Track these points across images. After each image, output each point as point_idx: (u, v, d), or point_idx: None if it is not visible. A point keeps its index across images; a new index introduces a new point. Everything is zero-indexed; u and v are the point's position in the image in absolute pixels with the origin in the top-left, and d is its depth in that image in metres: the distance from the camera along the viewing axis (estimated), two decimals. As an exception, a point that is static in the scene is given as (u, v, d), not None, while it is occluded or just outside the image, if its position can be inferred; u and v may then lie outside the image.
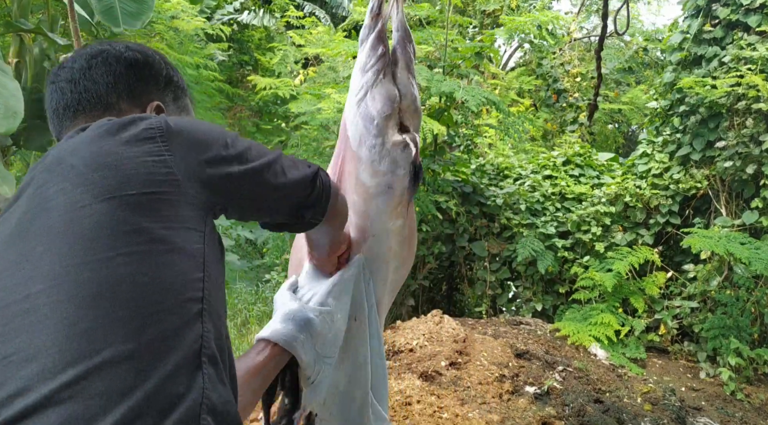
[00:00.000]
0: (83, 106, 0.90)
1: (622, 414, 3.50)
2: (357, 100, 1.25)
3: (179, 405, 0.62)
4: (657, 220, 4.85)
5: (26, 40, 4.01)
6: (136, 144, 0.73)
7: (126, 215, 0.68)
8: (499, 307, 5.31)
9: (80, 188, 0.69)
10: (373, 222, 1.26)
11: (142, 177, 0.70)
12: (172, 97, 1.00)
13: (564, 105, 8.43)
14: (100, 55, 0.92)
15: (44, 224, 0.67)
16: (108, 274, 0.64)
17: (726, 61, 4.59)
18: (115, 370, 0.60)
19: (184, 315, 0.67)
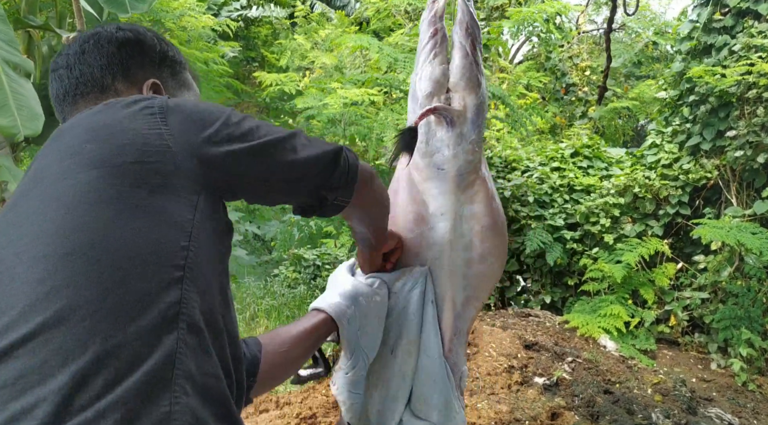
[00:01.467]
0: (81, 90, 0.90)
1: (632, 404, 3.48)
2: (411, 80, 1.26)
3: (141, 365, 0.61)
4: (667, 211, 4.81)
5: (35, 36, 4.04)
6: (134, 119, 0.74)
7: (110, 183, 0.68)
8: (507, 300, 5.30)
9: (70, 159, 0.70)
10: (435, 200, 1.23)
11: (135, 147, 0.71)
12: (170, 73, 0.99)
13: (573, 99, 8.39)
14: (92, 39, 0.92)
15: (36, 193, 0.70)
16: (83, 237, 0.65)
17: (736, 50, 4.54)
18: (76, 327, 0.60)
19: (160, 281, 0.67)
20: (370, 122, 4.56)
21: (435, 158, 1.23)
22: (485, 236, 1.26)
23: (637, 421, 3.31)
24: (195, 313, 0.69)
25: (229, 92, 7.04)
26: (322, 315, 1.10)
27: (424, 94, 1.22)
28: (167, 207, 0.71)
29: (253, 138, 0.80)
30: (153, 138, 0.72)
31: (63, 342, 0.59)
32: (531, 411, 3.24)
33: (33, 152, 4.83)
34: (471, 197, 1.25)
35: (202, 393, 0.66)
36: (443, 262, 1.25)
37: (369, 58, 6.26)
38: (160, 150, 0.72)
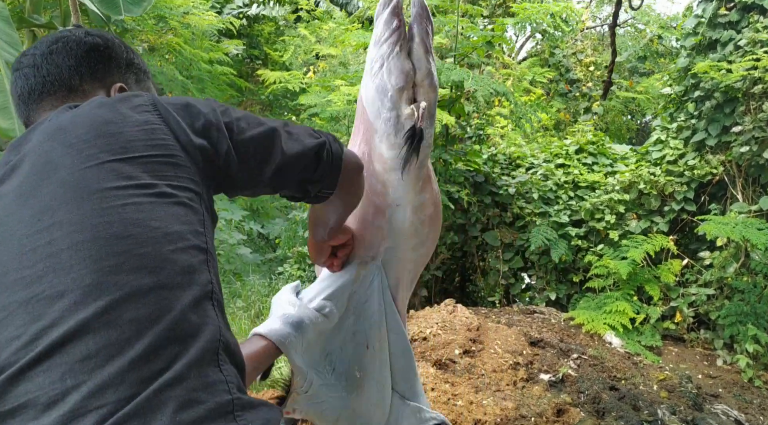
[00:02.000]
0: (47, 88, 0.92)
1: (638, 401, 3.47)
2: (372, 74, 1.26)
3: (200, 335, 0.67)
4: (672, 207, 4.80)
5: (39, 35, 4.05)
6: (134, 114, 0.78)
7: (133, 171, 0.73)
8: (512, 297, 5.29)
9: (87, 151, 0.73)
10: (395, 192, 1.27)
11: (144, 142, 0.76)
12: (135, 80, 1.02)
13: (577, 95, 8.36)
14: (60, 41, 0.95)
15: (55, 181, 0.71)
16: (122, 218, 0.69)
17: (742, 45, 4.52)
18: (141, 300, 0.65)
19: (195, 259, 0.73)
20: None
21: (404, 150, 1.25)
22: (430, 222, 1.33)
23: (643, 417, 3.31)
24: (219, 294, 0.75)
25: (232, 90, 7.05)
26: (264, 342, 1.11)
27: (396, 88, 1.23)
28: (181, 196, 0.76)
29: (239, 130, 0.85)
30: (157, 133, 0.77)
31: (134, 315, 0.64)
32: (537, 408, 3.23)
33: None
34: (422, 186, 1.30)
35: (235, 363, 0.72)
36: (398, 250, 1.32)
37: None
38: (165, 144, 0.77)
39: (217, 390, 0.65)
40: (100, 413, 0.58)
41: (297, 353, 1.13)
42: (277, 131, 0.89)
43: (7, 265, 0.68)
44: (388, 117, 1.24)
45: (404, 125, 1.24)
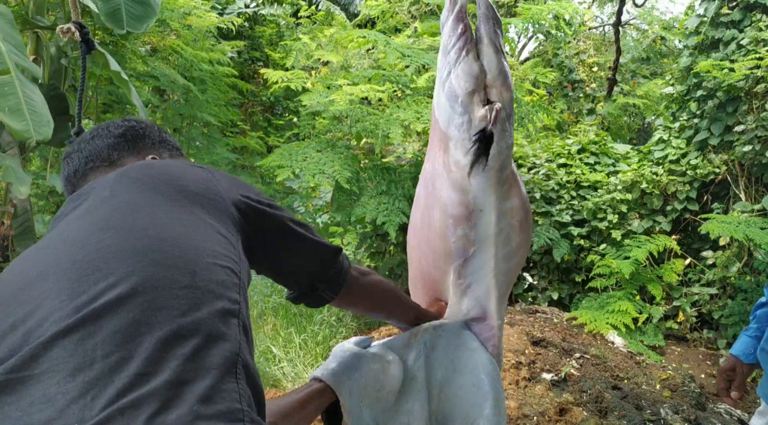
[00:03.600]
0: (89, 165, 1.03)
1: (640, 400, 3.46)
2: (441, 82, 1.26)
3: (223, 340, 0.70)
4: (674, 206, 4.79)
5: (43, 37, 4.07)
6: (193, 170, 0.91)
7: (183, 199, 0.83)
8: (515, 297, 5.29)
9: (146, 182, 0.84)
10: (476, 198, 1.24)
11: (197, 185, 0.87)
12: (168, 155, 1.11)
13: (580, 95, 8.36)
14: (100, 129, 1.07)
15: (114, 202, 0.81)
16: (168, 225, 0.78)
17: (744, 44, 4.52)
18: (173, 293, 0.70)
19: (229, 279, 0.78)
20: (377, 119, 4.56)
21: (471, 152, 1.23)
22: (521, 228, 1.29)
23: (646, 417, 3.30)
24: (245, 317, 0.79)
25: (234, 92, 7.06)
26: (319, 384, 1.12)
27: (466, 91, 1.21)
28: (223, 232, 0.84)
29: (278, 208, 0.97)
30: (208, 183, 0.89)
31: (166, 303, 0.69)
32: (539, 407, 3.23)
33: (43, 153, 4.86)
34: (507, 191, 1.27)
35: (251, 385, 0.74)
36: (487, 259, 1.27)
37: (375, 58, 6.26)
38: (214, 192, 0.88)
39: (232, 397, 0.67)
40: (122, 382, 0.61)
41: (350, 395, 1.11)
42: (308, 226, 1.02)
43: (61, 256, 0.74)
44: (461, 122, 1.22)
45: (477, 128, 1.22)
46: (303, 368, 3.78)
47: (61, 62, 4.10)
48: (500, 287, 1.31)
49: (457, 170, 1.24)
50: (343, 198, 4.71)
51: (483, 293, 1.29)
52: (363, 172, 4.75)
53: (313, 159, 4.47)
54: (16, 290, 0.73)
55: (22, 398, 0.60)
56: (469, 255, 1.26)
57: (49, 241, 0.80)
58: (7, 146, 3.32)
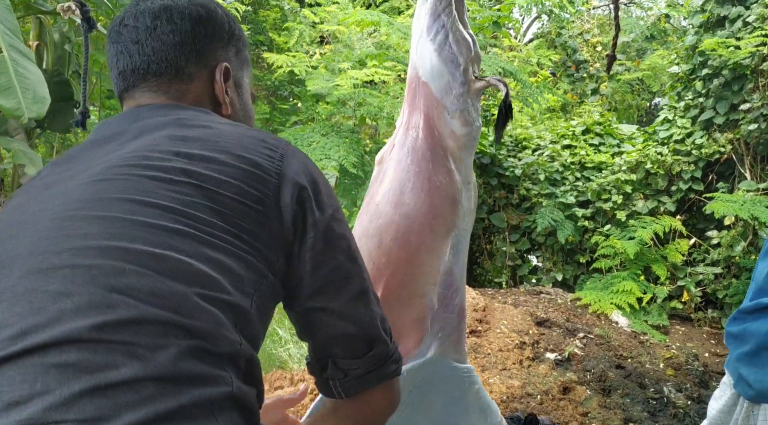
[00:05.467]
0: (153, 69, 0.88)
1: (644, 379, 3.50)
2: (438, 44, 1.17)
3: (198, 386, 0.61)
4: (679, 186, 4.78)
5: (46, 23, 4.07)
6: (255, 153, 0.76)
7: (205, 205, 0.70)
8: (519, 278, 5.31)
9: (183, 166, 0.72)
10: (465, 170, 1.23)
11: (240, 186, 0.72)
12: (235, 52, 0.97)
13: (584, 75, 8.29)
14: (164, 13, 0.88)
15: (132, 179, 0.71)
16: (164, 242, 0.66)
17: (750, 21, 4.46)
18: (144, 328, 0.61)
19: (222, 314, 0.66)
20: (381, 102, 4.56)
21: (473, 128, 1.21)
22: (475, 201, 1.30)
23: (649, 395, 3.33)
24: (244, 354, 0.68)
25: (238, 76, 7.05)
26: None
27: (468, 57, 1.18)
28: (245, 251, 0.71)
29: (338, 224, 0.79)
30: (259, 182, 0.74)
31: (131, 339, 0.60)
32: (543, 386, 3.27)
33: (48, 139, 4.88)
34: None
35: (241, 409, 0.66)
36: (466, 233, 1.25)
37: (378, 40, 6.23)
38: (260, 196, 0.73)
39: None
40: None
41: None
42: (366, 277, 0.81)
43: (38, 242, 0.66)
44: (460, 92, 1.18)
45: (473, 100, 1.19)
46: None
47: (65, 48, 4.11)
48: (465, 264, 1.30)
49: (452, 141, 1.20)
50: (348, 182, 4.73)
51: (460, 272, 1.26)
52: (367, 155, 4.77)
53: (318, 144, 4.48)
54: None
55: None
56: (458, 229, 1.23)
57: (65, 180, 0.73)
58: (14, 132, 3.35)
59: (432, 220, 1.18)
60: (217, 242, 0.68)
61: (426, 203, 1.18)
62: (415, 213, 1.18)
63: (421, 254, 1.19)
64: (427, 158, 1.20)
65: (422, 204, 1.18)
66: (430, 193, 1.18)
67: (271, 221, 0.73)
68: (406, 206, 1.18)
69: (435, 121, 1.20)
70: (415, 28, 1.23)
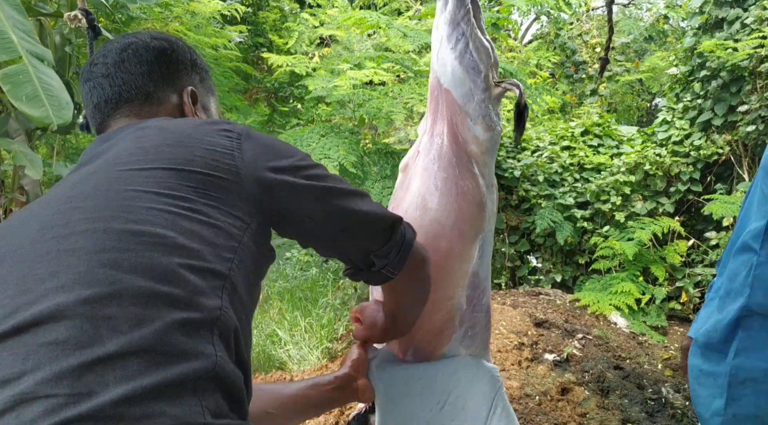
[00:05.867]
0: (124, 96, 0.95)
1: (642, 379, 3.51)
2: (458, 53, 1.20)
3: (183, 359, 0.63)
4: (678, 188, 4.79)
5: (46, 25, 4.08)
6: (213, 136, 0.82)
7: (177, 183, 0.75)
8: (518, 279, 5.33)
9: (149, 156, 0.78)
10: (489, 173, 1.25)
11: (206, 160, 0.78)
12: (199, 79, 1.05)
13: (583, 76, 8.31)
14: (129, 48, 0.97)
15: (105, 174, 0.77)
16: (140, 218, 0.70)
17: (748, 23, 4.48)
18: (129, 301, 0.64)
19: (205, 283, 0.70)
20: (380, 102, 4.57)
21: (495, 133, 1.24)
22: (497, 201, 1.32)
23: (647, 395, 3.34)
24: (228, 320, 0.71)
25: (238, 78, 7.06)
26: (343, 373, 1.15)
27: (488, 64, 1.21)
28: (217, 218, 0.76)
29: (316, 178, 0.85)
30: (224, 157, 0.80)
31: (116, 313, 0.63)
32: (541, 387, 3.28)
33: (49, 140, 4.89)
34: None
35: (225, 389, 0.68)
36: (491, 235, 1.28)
37: (378, 41, 6.24)
38: (226, 169, 0.79)
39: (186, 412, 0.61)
40: (49, 402, 0.56)
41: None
42: (362, 194, 0.90)
43: (27, 238, 0.71)
44: (482, 98, 1.20)
45: (494, 105, 1.23)
46: (308, 350, 3.84)
47: (66, 50, 4.12)
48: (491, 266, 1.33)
49: (475, 146, 1.22)
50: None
51: (486, 273, 1.28)
52: (367, 156, 4.78)
53: (318, 144, 4.50)
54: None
55: None
56: (485, 231, 1.24)
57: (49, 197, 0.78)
58: (15, 133, 3.36)
59: (461, 225, 1.20)
60: (192, 215, 0.73)
61: (455, 208, 1.20)
62: (444, 218, 1.20)
63: (451, 259, 1.21)
64: (453, 164, 1.21)
65: (451, 209, 1.19)
66: (458, 198, 1.20)
67: (241, 188, 0.79)
68: (435, 211, 1.20)
69: (459, 127, 1.22)
70: (435, 37, 1.26)
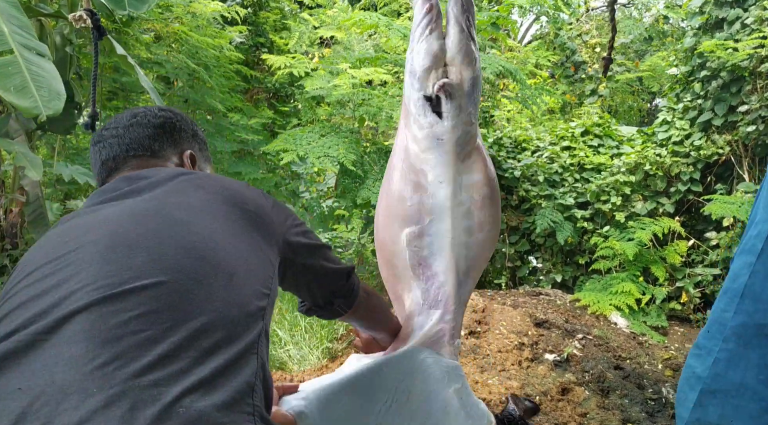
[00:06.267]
0: (132, 152, 1.06)
1: (642, 379, 3.51)
2: (408, 56, 1.31)
3: (246, 340, 0.77)
4: (678, 188, 4.79)
5: (47, 25, 4.08)
6: (250, 192, 1.00)
7: (237, 215, 0.91)
8: (518, 279, 5.32)
9: (213, 195, 0.92)
10: (434, 169, 1.29)
11: (257, 211, 0.96)
12: (199, 148, 1.18)
13: (582, 76, 8.31)
14: (138, 115, 1.10)
15: (186, 207, 0.88)
16: (222, 237, 0.85)
17: (748, 23, 4.48)
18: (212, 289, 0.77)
19: (259, 289, 0.85)
20: (380, 102, 4.57)
21: (434, 130, 1.27)
22: (484, 204, 1.32)
23: (647, 395, 3.34)
24: (267, 323, 0.86)
25: (238, 78, 7.06)
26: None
27: (423, 68, 1.25)
28: (267, 253, 0.93)
29: (311, 237, 1.08)
30: (264, 210, 0.98)
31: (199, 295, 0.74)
32: (541, 387, 3.28)
33: (49, 140, 4.90)
34: (469, 166, 1.30)
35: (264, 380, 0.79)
36: (445, 229, 1.30)
37: (377, 41, 6.25)
38: (268, 221, 0.97)
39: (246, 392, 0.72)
40: (146, 360, 0.65)
41: None
42: (329, 248, 1.13)
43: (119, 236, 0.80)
44: (417, 98, 1.27)
45: (431, 104, 1.27)
46: (308, 350, 3.84)
47: (66, 50, 4.12)
48: (460, 262, 1.33)
49: (414, 144, 1.29)
50: (348, 182, 4.74)
51: (443, 267, 1.31)
52: (367, 155, 4.78)
53: (317, 143, 4.50)
54: (53, 257, 0.77)
55: (48, 357, 0.63)
56: (425, 223, 1.30)
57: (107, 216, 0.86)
58: (15, 133, 3.36)
59: (385, 212, 1.33)
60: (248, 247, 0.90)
61: (383, 197, 1.34)
62: (381, 207, 1.36)
63: (389, 244, 1.34)
64: (394, 157, 1.34)
65: (381, 198, 1.34)
66: (387, 188, 1.33)
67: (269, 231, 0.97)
68: (379, 199, 1.38)
69: (405, 123, 1.31)
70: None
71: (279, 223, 0.99)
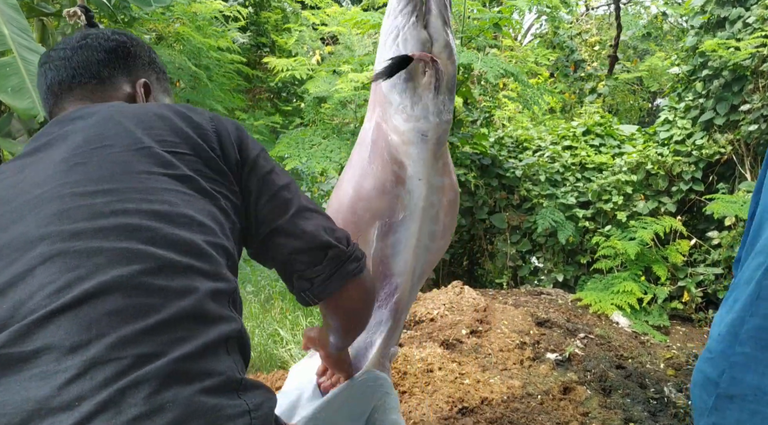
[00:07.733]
0: (78, 79, 0.96)
1: (644, 379, 3.50)
2: (387, 46, 1.22)
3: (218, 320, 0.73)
4: (680, 187, 4.79)
5: (48, 25, 4.10)
6: (194, 116, 0.88)
7: (177, 163, 0.81)
8: (520, 279, 5.32)
9: (140, 136, 0.81)
10: (414, 165, 1.24)
11: (193, 141, 0.84)
12: (155, 78, 1.07)
13: (582, 75, 8.29)
14: (89, 37, 0.99)
15: (106, 156, 0.78)
16: (163, 200, 0.76)
17: (750, 22, 4.47)
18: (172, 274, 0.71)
19: (221, 258, 0.79)
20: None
21: (420, 124, 1.22)
22: (449, 210, 1.29)
23: (649, 395, 3.34)
24: (237, 293, 0.81)
25: (240, 78, 7.07)
26: None
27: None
28: (217, 197, 0.83)
29: (276, 173, 0.93)
30: (207, 138, 0.86)
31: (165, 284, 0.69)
32: (543, 386, 3.27)
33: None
34: (441, 168, 1.26)
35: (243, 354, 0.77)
36: (413, 230, 1.25)
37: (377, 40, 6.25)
38: (210, 147, 0.85)
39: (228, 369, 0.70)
40: (121, 363, 0.62)
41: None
42: (304, 205, 0.92)
43: (47, 219, 0.71)
44: (404, 88, 1.21)
45: (421, 96, 1.22)
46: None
47: (67, 50, 4.12)
48: (417, 267, 1.28)
49: (396, 136, 1.23)
50: (348, 183, 4.75)
51: (401, 269, 1.26)
52: (368, 156, 4.78)
53: (320, 146, 4.51)
54: None
55: (20, 372, 0.60)
56: (398, 219, 1.24)
57: (30, 176, 0.77)
58: (17, 133, 3.37)
59: (356, 204, 1.23)
60: (202, 196, 0.80)
61: (354, 188, 1.24)
62: (343, 196, 1.25)
63: (350, 224, 1.25)
64: (368, 148, 1.25)
65: (351, 189, 1.24)
66: (359, 179, 1.24)
67: (227, 169, 0.86)
68: (341, 189, 1.27)
69: (384, 115, 1.24)
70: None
71: (228, 144, 0.89)
